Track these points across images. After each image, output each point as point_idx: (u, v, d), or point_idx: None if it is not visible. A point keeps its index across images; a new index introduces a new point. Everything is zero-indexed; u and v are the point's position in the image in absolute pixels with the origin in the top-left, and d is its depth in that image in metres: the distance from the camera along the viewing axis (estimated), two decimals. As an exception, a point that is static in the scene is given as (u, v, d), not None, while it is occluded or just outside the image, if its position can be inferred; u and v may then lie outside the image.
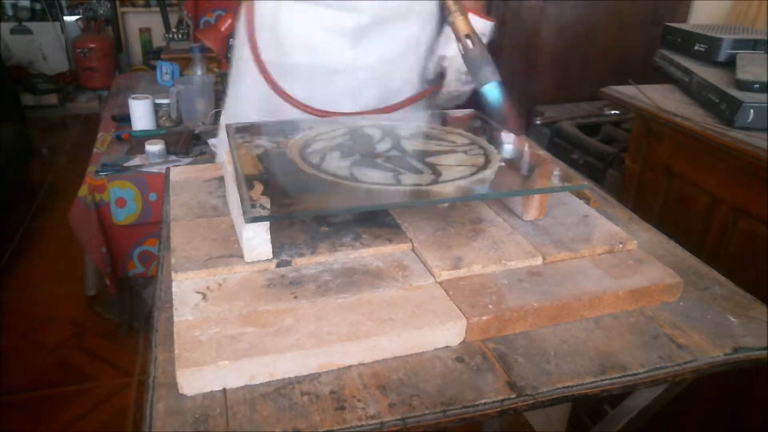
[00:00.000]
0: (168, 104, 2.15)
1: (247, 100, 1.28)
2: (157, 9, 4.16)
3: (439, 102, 1.25)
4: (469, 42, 0.90)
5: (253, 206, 0.72)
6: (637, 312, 0.74)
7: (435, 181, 0.84)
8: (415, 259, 0.78)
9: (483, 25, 1.17)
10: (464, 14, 0.91)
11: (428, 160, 0.90)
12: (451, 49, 1.16)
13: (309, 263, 0.76)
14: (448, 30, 1.19)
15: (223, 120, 1.34)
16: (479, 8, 1.18)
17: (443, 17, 1.21)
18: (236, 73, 1.31)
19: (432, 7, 1.23)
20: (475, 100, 1.33)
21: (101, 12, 4.55)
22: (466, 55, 0.92)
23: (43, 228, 2.80)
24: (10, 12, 4.38)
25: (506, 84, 0.96)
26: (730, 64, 1.25)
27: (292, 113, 1.21)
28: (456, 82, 1.20)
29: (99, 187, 1.78)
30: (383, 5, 1.15)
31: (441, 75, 1.21)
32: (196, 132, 2.04)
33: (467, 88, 1.22)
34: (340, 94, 1.21)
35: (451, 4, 0.90)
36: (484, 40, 1.18)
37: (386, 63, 1.20)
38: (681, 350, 0.68)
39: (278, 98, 1.21)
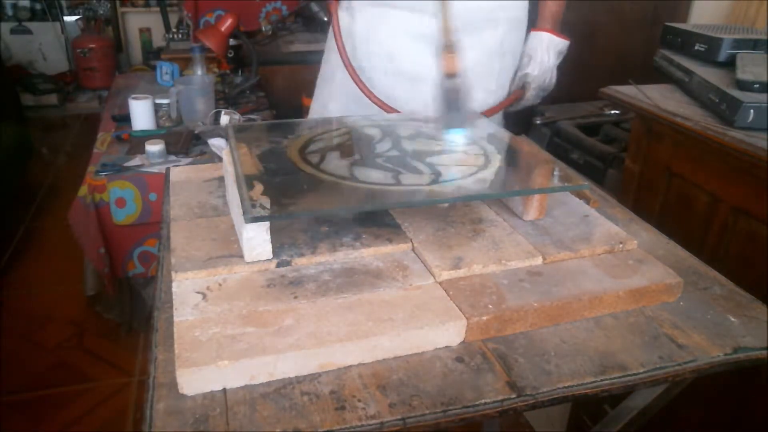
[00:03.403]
0: (168, 104, 2.15)
1: (333, 103, 1.31)
2: (157, 9, 4.16)
3: (514, 108, 1.31)
4: (450, 82, 0.89)
5: (253, 206, 0.72)
6: (637, 312, 0.74)
7: (435, 181, 0.84)
8: (415, 259, 0.78)
9: (562, 44, 1.22)
10: (453, 53, 0.89)
11: (428, 160, 0.90)
12: (534, 69, 1.23)
13: (309, 263, 0.76)
14: (529, 49, 1.25)
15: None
16: (555, 28, 1.23)
17: (530, 25, 1.26)
18: (323, 78, 1.35)
19: (518, 15, 1.25)
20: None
21: (101, 12, 4.55)
22: (444, 94, 0.90)
23: (43, 228, 2.80)
24: (10, 12, 4.38)
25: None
26: (730, 64, 1.25)
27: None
28: (534, 98, 1.27)
29: (99, 187, 1.78)
30: (467, 9, 1.14)
31: (521, 88, 1.27)
32: (196, 132, 2.04)
33: (537, 102, 1.29)
34: (422, 103, 1.18)
35: (445, 41, 0.90)
36: (561, 57, 1.25)
37: (470, 71, 1.20)
38: (681, 350, 0.68)
39: (362, 102, 1.23)
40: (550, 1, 1.23)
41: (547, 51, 1.22)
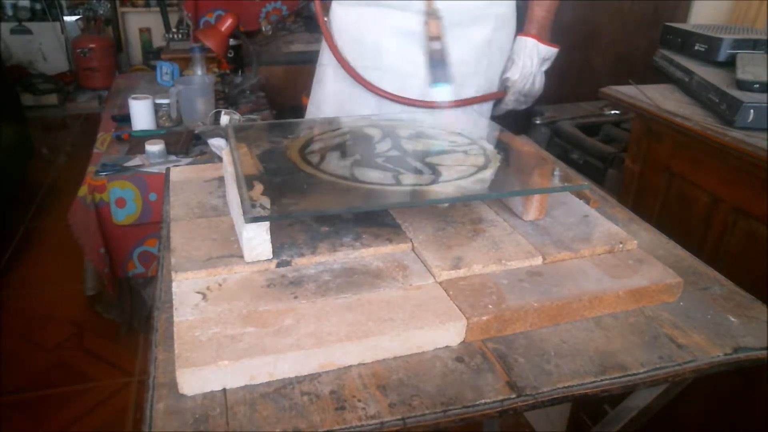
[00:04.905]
0: (168, 104, 2.15)
1: (326, 104, 1.31)
2: (157, 9, 4.17)
3: (495, 112, 1.33)
4: (435, 43, 0.96)
5: (253, 206, 0.72)
6: (637, 312, 0.74)
7: (435, 181, 0.84)
8: (415, 259, 0.78)
9: (547, 51, 1.23)
10: (437, 19, 0.95)
11: (428, 160, 0.90)
12: (515, 73, 1.24)
13: (309, 263, 0.76)
14: (513, 53, 1.26)
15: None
16: (542, 33, 1.23)
17: (520, 23, 1.26)
18: (317, 79, 1.35)
19: (506, 11, 1.26)
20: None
21: (101, 12, 4.55)
22: (429, 54, 0.97)
23: (43, 228, 2.80)
24: (10, 12, 4.38)
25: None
26: (730, 64, 1.25)
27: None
28: (514, 102, 1.29)
29: (99, 187, 1.78)
30: (454, 7, 1.15)
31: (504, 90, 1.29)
32: (196, 132, 2.04)
33: (522, 107, 1.30)
34: (412, 98, 1.22)
35: (428, 4, 0.95)
36: (548, 64, 1.27)
37: (460, 66, 1.21)
38: (681, 350, 0.68)
39: (355, 102, 1.23)
40: (537, 6, 1.23)
41: (530, 57, 1.23)
